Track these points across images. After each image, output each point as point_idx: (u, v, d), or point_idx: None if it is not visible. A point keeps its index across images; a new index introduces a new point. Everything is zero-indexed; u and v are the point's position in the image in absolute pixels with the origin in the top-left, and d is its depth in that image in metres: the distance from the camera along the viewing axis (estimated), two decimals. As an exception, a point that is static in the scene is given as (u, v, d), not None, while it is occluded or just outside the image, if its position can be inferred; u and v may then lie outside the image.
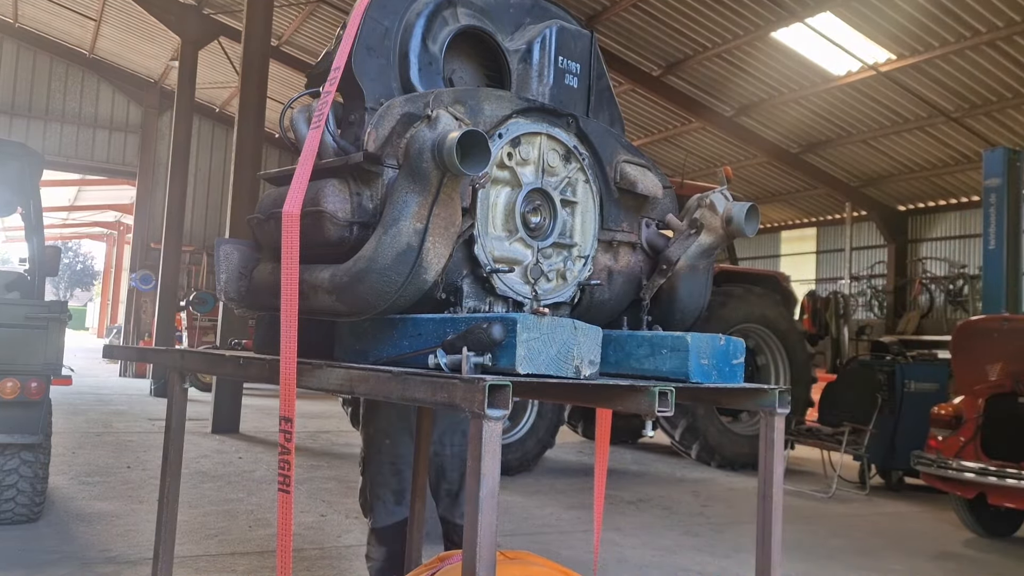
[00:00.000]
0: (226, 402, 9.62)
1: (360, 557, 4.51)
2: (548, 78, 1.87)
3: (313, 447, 8.72)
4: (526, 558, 2.05)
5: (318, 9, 14.56)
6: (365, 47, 1.67)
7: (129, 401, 12.47)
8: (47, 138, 19.21)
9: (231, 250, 1.83)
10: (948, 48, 10.63)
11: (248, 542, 4.73)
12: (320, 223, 1.51)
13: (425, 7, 1.76)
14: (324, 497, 6.10)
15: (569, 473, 8.00)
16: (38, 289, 5.41)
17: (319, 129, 1.50)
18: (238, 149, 10.19)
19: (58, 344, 4.76)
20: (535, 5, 1.99)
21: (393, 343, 1.51)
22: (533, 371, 1.27)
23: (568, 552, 4.79)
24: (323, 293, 1.51)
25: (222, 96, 19.88)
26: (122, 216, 32.08)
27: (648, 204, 1.96)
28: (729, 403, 1.86)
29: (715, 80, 12.97)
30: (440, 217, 1.43)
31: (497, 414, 1.11)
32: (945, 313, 15.80)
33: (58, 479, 6.00)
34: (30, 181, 5.41)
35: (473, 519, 1.11)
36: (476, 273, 1.59)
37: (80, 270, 58.82)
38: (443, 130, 1.40)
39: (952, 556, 5.47)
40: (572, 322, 1.36)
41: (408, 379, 1.25)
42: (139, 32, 17.42)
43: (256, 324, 1.96)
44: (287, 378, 1.35)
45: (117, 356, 12.30)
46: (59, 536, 4.62)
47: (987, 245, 9.86)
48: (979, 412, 5.92)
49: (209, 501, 5.72)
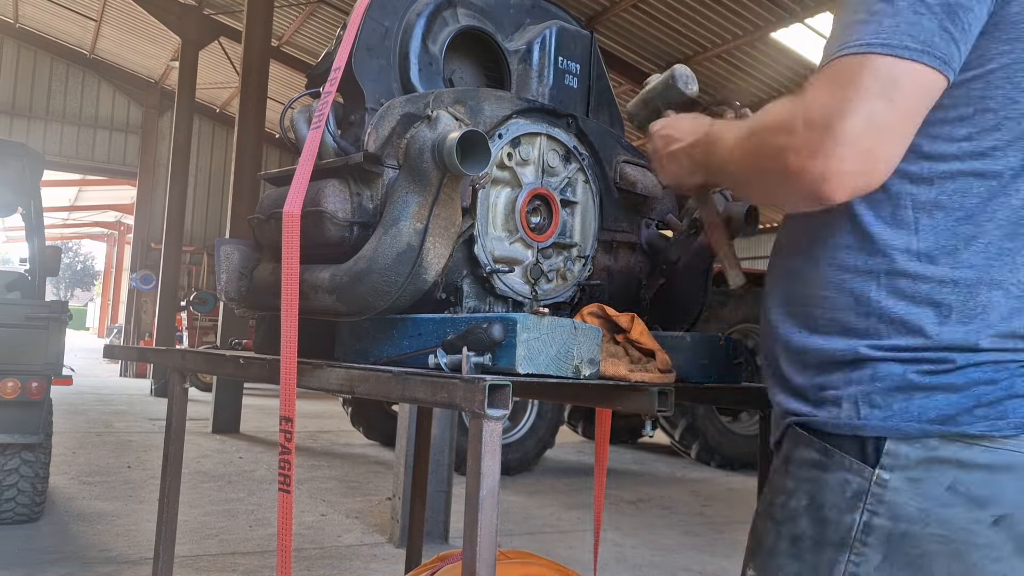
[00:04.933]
0: (226, 402, 9.63)
1: (360, 557, 4.51)
2: (548, 78, 1.87)
3: (313, 447, 8.73)
4: (526, 558, 2.05)
5: (318, 9, 14.56)
6: (365, 47, 1.67)
7: (129, 401, 12.47)
8: (47, 138, 19.22)
9: (231, 250, 1.83)
10: (948, 48, 10.64)
11: (248, 542, 4.73)
12: (320, 223, 1.51)
13: (425, 8, 1.76)
14: (324, 497, 6.10)
15: (569, 473, 8.00)
16: (39, 289, 5.42)
17: (319, 129, 1.50)
18: (238, 149, 10.20)
19: (59, 344, 4.76)
20: (535, 5, 1.99)
21: (393, 343, 1.51)
22: (533, 371, 1.28)
23: (568, 552, 4.80)
24: (323, 293, 1.51)
25: (222, 96, 19.89)
26: (122, 216, 32.09)
27: (648, 204, 1.97)
28: (729, 403, 1.86)
29: (715, 80, 12.97)
30: (440, 217, 1.43)
31: (497, 414, 1.12)
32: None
33: (59, 479, 6.00)
34: (31, 181, 5.42)
35: (473, 519, 1.11)
36: (476, 273, 1.59)
37: (80, 270, 58.83)
38: (443, 130, 1.40)
39: (952, 556, 5.48)
40: (572, 322, 1.36)
41: (408, 379, 1.25)
42: (139, 32, 17.42)
43: (256, 324, 1.96)
44: (287, 378, 1.35)
45: (117, 356, 12.30)
46: (59, 536, 4.63)
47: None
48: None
49: (209, 501, 5.72)
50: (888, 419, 1.06)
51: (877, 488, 1.05)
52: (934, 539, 1.03)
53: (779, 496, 1.15)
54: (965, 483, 1.03)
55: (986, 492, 1.03)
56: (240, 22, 11.35)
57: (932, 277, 1.05)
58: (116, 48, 19.13)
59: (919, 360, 1.05)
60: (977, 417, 1.03)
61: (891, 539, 1.05)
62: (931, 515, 1.04)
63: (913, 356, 1.05)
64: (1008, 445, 1.03)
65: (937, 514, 1.03)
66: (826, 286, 1.12)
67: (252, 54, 10.09)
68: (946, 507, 1.03)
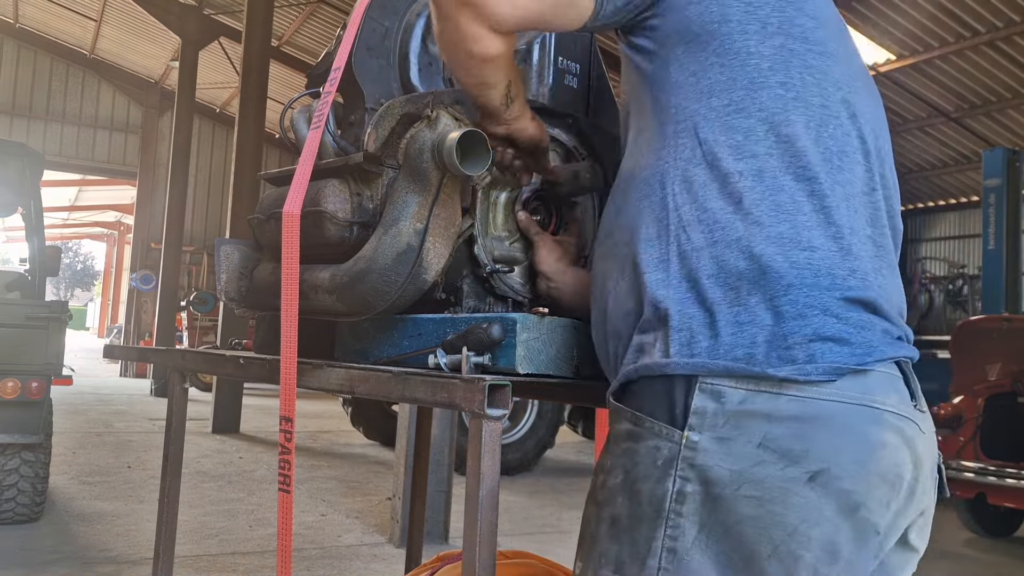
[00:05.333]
0: (226, 402, 9.63)
1: (360, 557, 4.51)
2: (548, 78, 1.87)
3: (313, 447, 8.73)
4: (526, 558, 2.05)
5: (318, 9, 14.56)
6: (365, 47, 1.67)
7: (129, 401, 12.47)
8: (47, 138, 19.21)
9: (231, 250, 1.83)
10: (948, 48, 10.63)
11: (248, 542, 4.73)
12: (320, 223, 1.51)
13: (425, 7, 1.76)
14: (324, 497, 6.10)
15: (569, 473, 8.00)
16: (39, 289, 5.42)
17: (319, 129, 1.50)
18: (238, 149, 10.20)
19: (59, 344, 4.76)
20: (535, 5, 1.99)
21: (393, 343, 1.51)
22: (533, 371, 1.28)
23: (568, 552, 4.78)
24: (323, 293, 1.51)
25: (222, 96, 19.88)
26: (122, 216, 32.07)
27: (648, 204, 1.97)
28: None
29: (715, 80, 12.96)
30: (440, 217, 1.43)
31: (497, 414, 1.12)
32: (945, 313, 15.80)
33: (59, 479, 6.00)
34: (31, 181, 5.42)
35: (473, 519, 1.11)
36: (476, 273, 1.59)
37: (80, 270, 58.81)
38: (443, 130, 1.40)
39: (952, 556, 5.48)
40: (572, 322, 1.36)
41: (408, 379, 1.25)
42: (139, 32, 17.41)
43: (256, 324, 1.96)
44: (287, 378, 1.35)
45: (118, 356, 12.33)
46: (59, 536, 4.63)
47: (987, 245, 9.87)
48: (979, 412, 5.92)
49: (209, 501, 5.72)
50: (695, 357, 1.01)
51: (688, 451, 0.98)
52: (750, 503, 0.96)
53: (599, 476, 1.09)
54: (775, 437, 0.96)
55: (798, 446, 0.96)
56: (240, 22, 11.34)
57: None
58: (116, 48, 19.12)
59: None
60: (783, 360, 0.98)
61: (704, 506, 0.97)
62: (744, 476, 0.96)
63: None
64: (818, 393, 0.97)
65: (750, 474, 0.96)
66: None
67: (252, 54, 10.09)
68: (758, 466, 0.96)
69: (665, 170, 1.11)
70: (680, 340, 1.02)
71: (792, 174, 1.06)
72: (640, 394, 1.05)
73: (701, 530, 0.98)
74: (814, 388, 0.97)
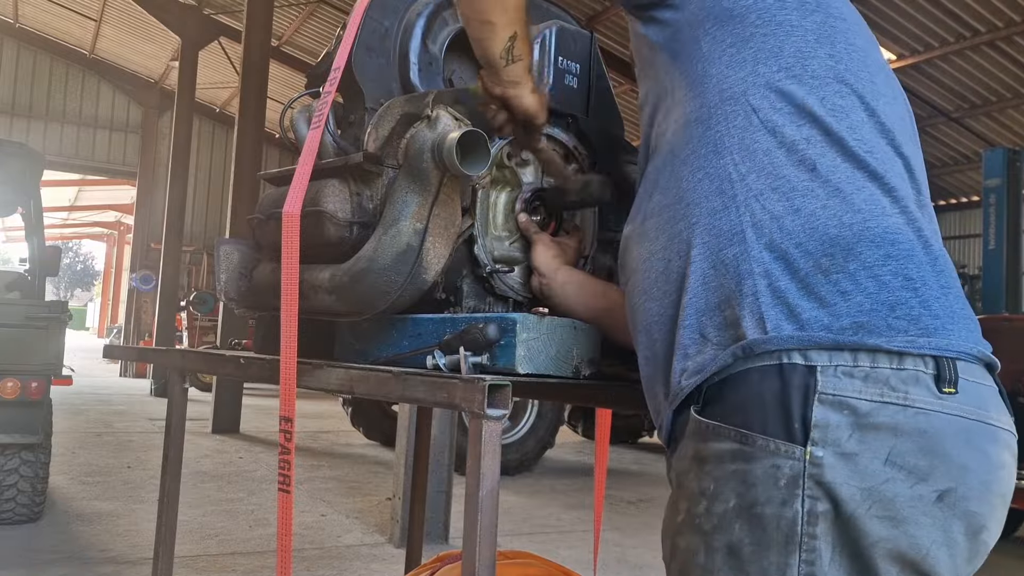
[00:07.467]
0: (226, 402, 9.62)
1: (360, 557, 4.51)
2: (548, 78, 1.87)
3: (313, 447, 8.72)
4: (526, 558, 2.05)
5: (318, 9, 14.56)
6: (365, 47, 1.67)
7: (129, 401, 12.47)
8: (47, 138, 19.22)
9: (231, 250, 1.83)
10: (948, 48, 10.64)
11: (248, 542, 4.73)
12: (320, 223, 1.51)
13: (425, 7, 1.76)
14: (324, 497, 6.10)
15: (569, 473, 8.00)
16: (38, 289, 5.42)
17: (319, 129, 1.50)
18: (238, 149, 10.20)
19: (58, 344, 4.76)
20: (535, 5, 1.99)
21: (393, 343, 1.51)
22: (533, 371, 1.28)
23: (568, 552, 4.79)
24: (323, 293, 1.51)
25: (222, 96, 19.88)
26: (122, 216, 32.08)
27: (648, 204, 1.97)
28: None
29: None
30: (440, 217, 1.43)
31: (497, 414, 1.11)
32: (945, 313, 15.78)
33: (58, 479, 6.00)
34: (31, 181, 5.42)
35: (473, 519, 1.11)
36: (476, 273, 1.59)
37: (80, 270, 58.83)
38: (443, 130, 1.40)
39: (952, 556, 5.47)
40: (572, 322, 1.36)
41: (408, 379, 1.25)
42: (139, 32, 17.42)
43: (256, 324, 1.96)
44: (287, 378, 1.35)
45: (117, 356, 12.28)
46: (59, 536, 4.62)
47: (987, 245, 9.86)
48: (979, 412, 5.91)
49: (209, 501, 5.72)
50: (804, 330, 0.93)
51: (813, 468, 0.90)
52: (883, 524, 0.91)
53: (699, 503, 0.98)
54: (902, 453, 0.90)
55: (924, 462, 0.91)
56: (240, 22, 11.34)
57: None
58: (116, 48, 19.12)
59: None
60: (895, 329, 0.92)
61: (835, 526, 0.91)
62: (873, 494, 0.90)
63: None
64: (941, 407, 0.93)
65: (879, 492, 0.90)
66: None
67: (252, 54, 10.09)
68: (887, 483, 0.90)
69: (718, 139, 1.05)
70: (777, 316, 0.95)
71: (850, 148, 1.03)
72: (741, 406, 0.95)
73: (835, 552, 0.92)
74: (938, 401, 0.93)
